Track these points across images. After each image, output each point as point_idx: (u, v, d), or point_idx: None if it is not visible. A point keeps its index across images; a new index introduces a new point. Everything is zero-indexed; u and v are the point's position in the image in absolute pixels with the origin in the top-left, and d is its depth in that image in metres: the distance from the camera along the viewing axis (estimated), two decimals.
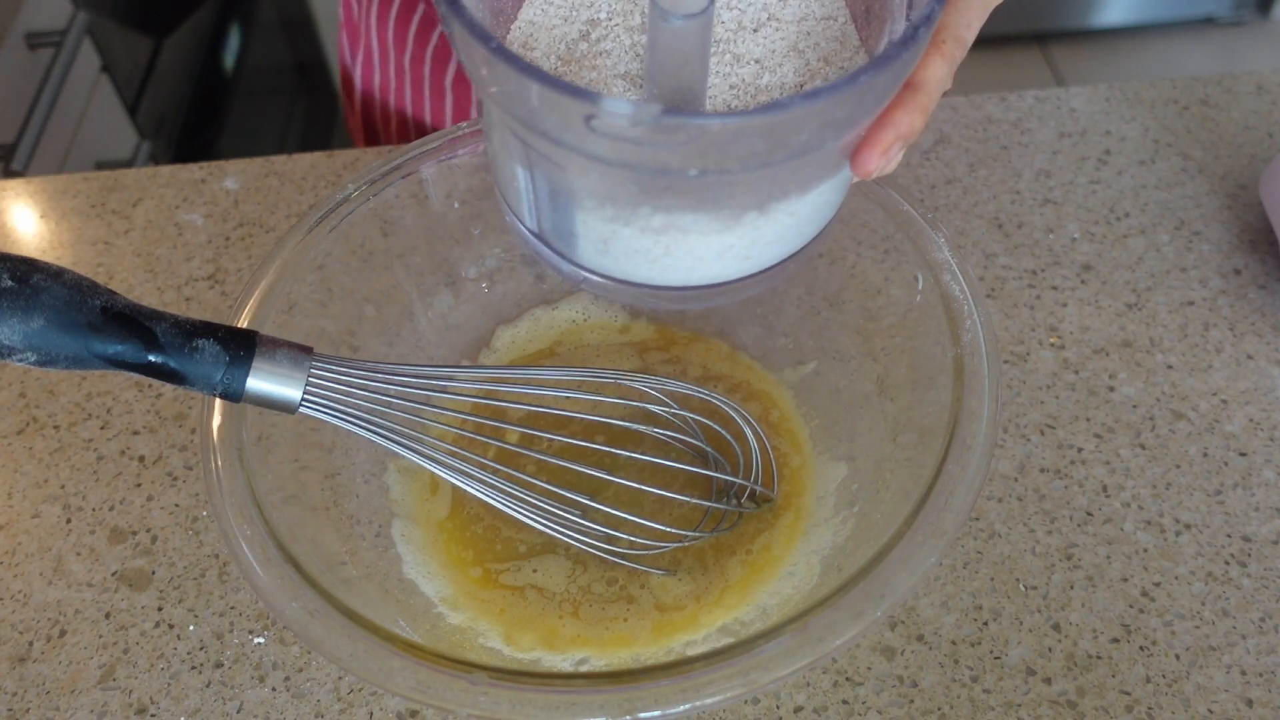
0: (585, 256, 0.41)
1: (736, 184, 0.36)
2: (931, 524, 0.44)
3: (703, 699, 0.41)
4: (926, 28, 0.34)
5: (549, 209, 0.40)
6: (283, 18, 1.93)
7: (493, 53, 0.33)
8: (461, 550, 0.54)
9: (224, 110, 1.73)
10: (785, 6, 0.41)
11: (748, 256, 0.40)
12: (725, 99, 0.40)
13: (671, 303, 0.44)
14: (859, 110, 0.35)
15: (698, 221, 0.38)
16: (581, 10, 0.42)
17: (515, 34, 0.42)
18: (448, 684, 0.41)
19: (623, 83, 0.40)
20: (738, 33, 0.41)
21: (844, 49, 0.41)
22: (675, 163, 0.34)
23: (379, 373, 0.47)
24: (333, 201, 0.54)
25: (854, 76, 0.33)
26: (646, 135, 0.33)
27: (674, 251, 0.39)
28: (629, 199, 0.37)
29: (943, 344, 0.49)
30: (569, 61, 0.40)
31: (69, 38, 1.32)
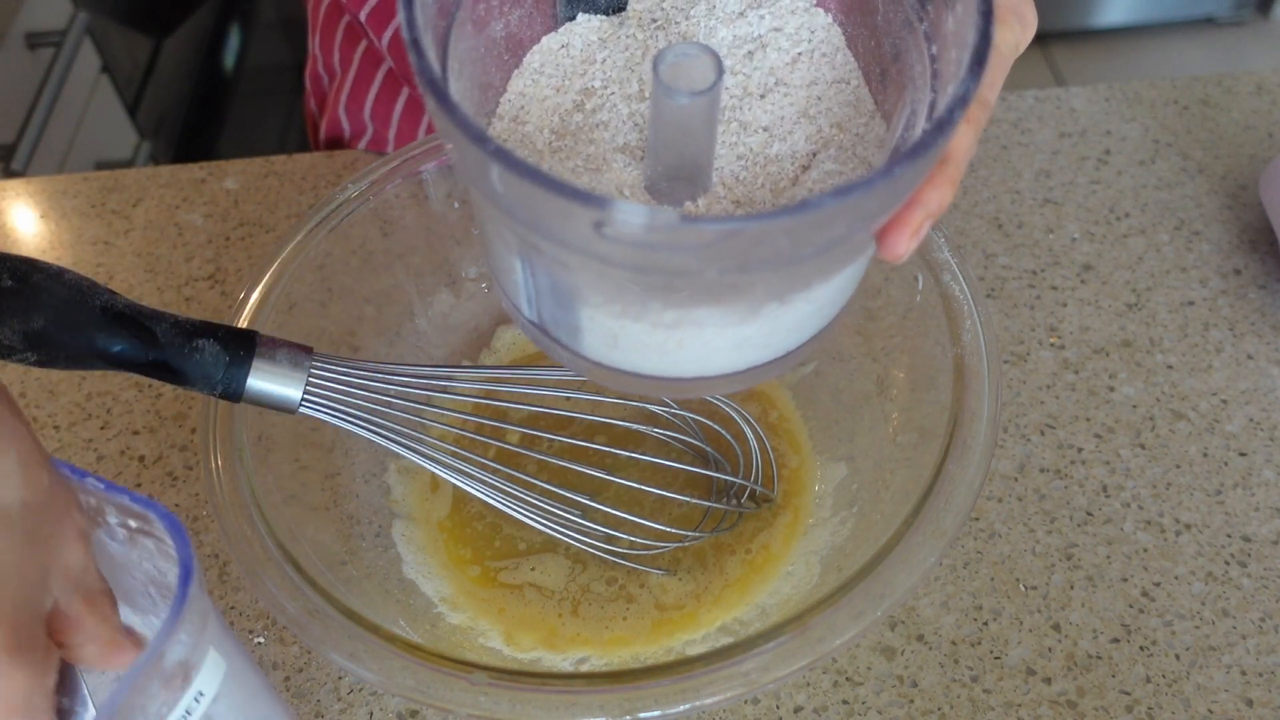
0: (591, 350, 0.38)
1: (755, 279, 0.34)
2: (931, 524, 0.44)
3: (703, 699, 0.41)
4: (962, 110, 0.31)
5: (550, 302, 0.37)
6: (282, 18, 1.93)
7: (491, 155, 0.30)
8: (461, 549, 0.54)
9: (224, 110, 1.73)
10: (794, 71, 0.39)
11: (766, 345, 0.38)
12: (733, 169, 0.37)
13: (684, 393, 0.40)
14: (892, 201, 0.33)
15: (713, 315, 0.35)
16: (574, 79, 0.39)
17: (505, 107, 0.39)
18: (448, 684, 0.41)
19: (622, 156, 0.37)
20: (744, 99, 0.38)
21: (858, 114, 0.38)
22: (693, 266, 0.31)
23: (379, 373, 0.47)
24: (333, 201, 0.54)
25: (888, 170, 0.30)
26: (662, 240, 0.30)
27: (687, 345, 0.36)
28: (639, 297, 0.35)
29: (943, 344, 0.49)
30: (563, 135, 0.38)
31: (69, 38, 1.32)
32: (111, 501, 0.34)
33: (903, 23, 0.37)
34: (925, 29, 0.36)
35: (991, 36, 0.32)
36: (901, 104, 0.37)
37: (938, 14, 0.36)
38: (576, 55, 0.40)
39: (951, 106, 0.31)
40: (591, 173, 0.37)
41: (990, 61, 0.36)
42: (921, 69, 0.36)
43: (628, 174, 0.37)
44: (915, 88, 0.36)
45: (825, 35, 0.40)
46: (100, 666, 0.33)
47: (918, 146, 0.31)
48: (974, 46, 0.32)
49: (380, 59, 0.75)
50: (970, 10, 0.33)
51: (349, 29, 0.77)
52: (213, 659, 0.34)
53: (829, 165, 0.37)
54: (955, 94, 0.32)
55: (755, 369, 0.39)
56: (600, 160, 0.37)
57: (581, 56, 0.40)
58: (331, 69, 0.80)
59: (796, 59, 0.39)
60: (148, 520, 0.33)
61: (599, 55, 0.40)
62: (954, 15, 0.34)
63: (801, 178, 0.37)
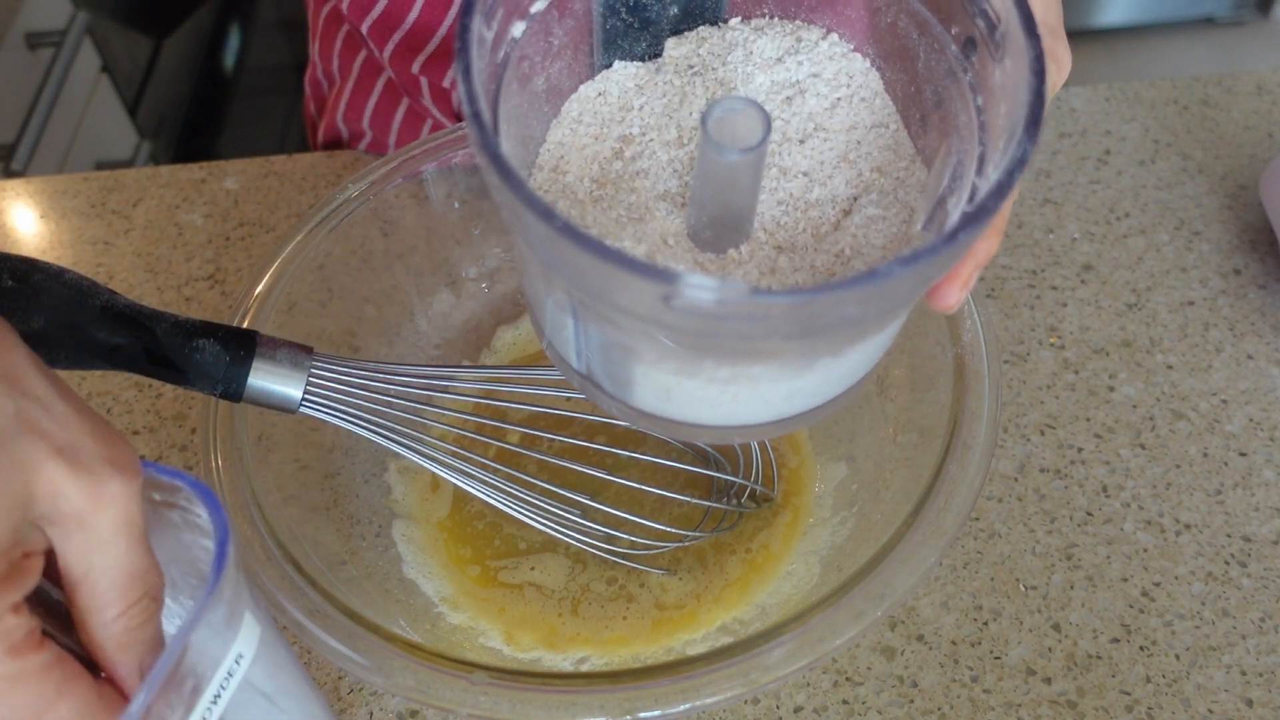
0: (644, 403, 0.38)
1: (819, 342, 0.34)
2: (931, 524, 0.44)
3: (703, 699, 0.41)
4: (1020, 170, 0.31)
5: (601, 358, 0.37)
6: (282, 18, 1.93)
7: (559, 232, 0.30)
8: (461, 548, 0.54)
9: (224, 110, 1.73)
10: (833, 116, 0.39)
11: (815, 394, 0.38)
12: (774, 215, 0.37)
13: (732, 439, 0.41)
14: (953, 262, 0.33)
15: (768, 371, 0.35)
16: (613, 127, 0.39)
17: (545, 156, 0.39)
18: (448, 684, 0.41)
19: (664, 204, 0.37)
20: (783, 144, 0.38)
21: (898, 158, 0.38)
22: (758, 334, 0.32)
23: (379, 373, 0.47)
24: (333, 202, 0.54)
25: (952, 236, 0.30)
26: (730, 312, 0.30)
27: (741, 398, 0.36)
28: (695, 355, 0.35)
29: (943, 344, 0.49)
30: (604, 184, 0.38)
31: (69, 38, 1.32)
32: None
33: (945, 72, 0.37)
34: (970, 80, 0.36)
35: (1045, 95, 0.32)
36: (945, 151, 0.37)
37: (983, 66, 0.35)
38: (614, 103, 0.40)
39: (1011, 169, 0.31)
40: (635, 222, 0.37)
41: None
42: (967, 119, 0.36)
43: (670, 222, 0.37)
44: (961, 137, 0.36)
45: (864, 80, 0.39)
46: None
47: (980, 211, 0.31)
48: (1029, 106, 0.32)
49: (380, 68, 0.75)
50: (1021, 68, 0.33)
51: (349, 37, 0.76)
52: (248, 622, 0.34)
53: (871, 210, 0.37)
54: (1014, 156, 0.32)
55: (803, 414, 0.39)
56: (643, 209, 0.37)
57: (619, 104, 0.40)
58: (331, 75, 0.80)
59: (835, 104, 0.39)
60: (175, 491, 0.33)
61: (636, 102, 0.40)
62: (1001, 69, 0.34)
63: (843, 222, 0.37)
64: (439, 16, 0.69)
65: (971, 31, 0.36)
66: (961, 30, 0.36)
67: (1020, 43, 0.33)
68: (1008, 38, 0.34)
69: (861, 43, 0.40)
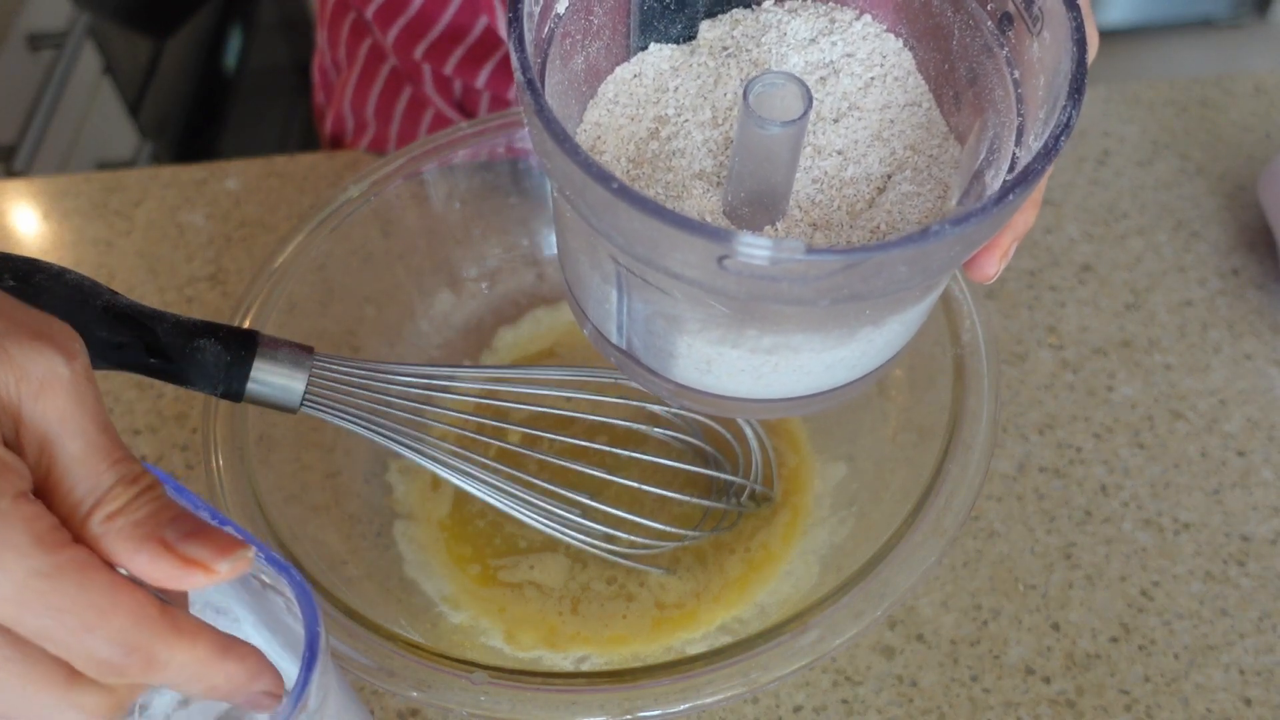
0: (684, 375, 0.39)
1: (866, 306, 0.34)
2: (931, 524, 0.44)
3: (703, 698, 0.41)
4: (1066, 135, 0.32)
5: (644, 330, 0.38)
6: (283, 18, 1.93)
7: (616, 194, 0.30)
8: (461, 547, 0.54)
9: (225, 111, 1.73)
10: (866, 95, 0.39)
11: (855, 366, 0.38)
12: (809, 193, 0.38)
13: (770, 414, 0.41)
14: (999, 226, 0.34)
15: (810, 340, 0.36)
16: (648, 108, 0.40)
17: (582, 137, 0.39)
18: (448, 683, 0.41)
19: (700, 182, 0.38)
20: (818, 124, 0.39)
21: (931, 136, 0.39)
22: (808, 296, 0.32)
23: (380, 373, 0.47)
24: (334, 202, 0.54)
25: (1002, 195, 0.31)
26: (784, 272, 0.30)
27: (782, 369, 0.37)
28: (740, 323, 0.35)
29: (942, 344, 0.49)
30: (640, 163, 0.38)
31: (70, 39, 1.32)
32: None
33: (981, 48, 0.38)
34: (1006, 54, 0.37)
35: (1086, 63, 0.33)
36: (981, 127, 0.38)
37: (1019, 40, 0.36)
38: (650, 84, 0.40)
39: (1057, 133, 0.32)
40: (673, 200, 0.38)
41: None
42: (1004, 93, 0.37)
43: (708, 200, 0.37)
44: (997, 111, 0.37)
45: (897, 60, 0.40)
46: None
47: (1026, 173, 0.31)
48: (1071, 74, 0.33)
49: (385, 56, 0.76)
50: (1062, 38, 0.34)
51: (355, 25, 0.77)
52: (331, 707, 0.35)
53: (906, 187, 0.37)
54: (1060, 120, 0.32)
55: (841, 389, 0.39)
56: (680, 187, 0.38)
57: (654, 85, 0.40)
58: (338, 62, 0.80)
59: (869, 83, 0.39)
60: (280, 582, 0.34)
61: (671, 84, 0.40)
62: (1040, 42, 0.35)
63: (878, 199, 0.38)
64: (442, 3, 0.70)
65: (1007, 7, 0.36)
66: (997, 6, 0.37)
67: (1061, 14, 0.34)
68: (1046, 11, 0.35)
69: (895, 23, 0.40)
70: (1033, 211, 0.37)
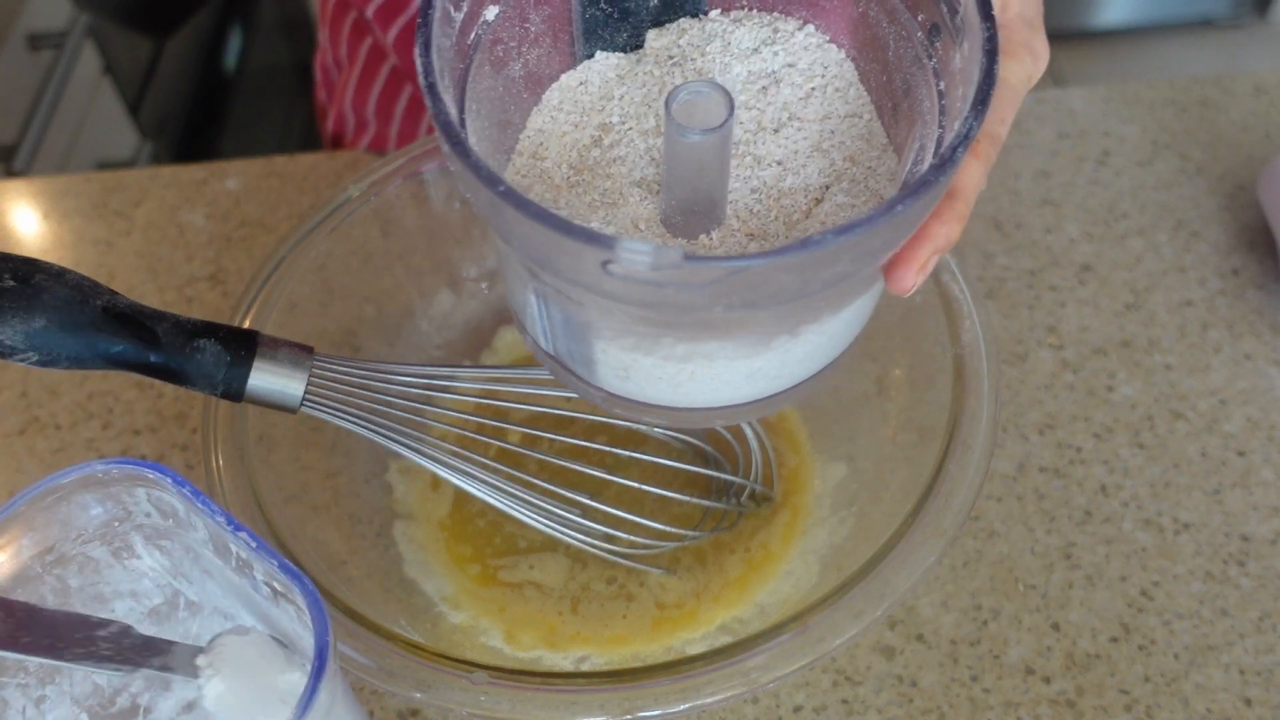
0: (605, 381, 0.39)
1: (765, 314, 0.34)
2: (931, 523, 0.44)
3: (703, 698, 0.41)
4: (964, 147, 0.32)
5: (564, 336, 0.38)
6: (283, 18, 1.93)
7: (500, 196, 0.31)
8: (461, 547, 0.54)
9: (225, 111, 1.74)
10: (807, 105, 0.39)
11: (778, 376, 0.38)
12: (747, 203, 0.38)
13: (696, 423, 0.41)
14: (895, 236, 0.33)
15: (724, 349, 0.36)
16: (593, 115, 0.40)
17: (525, 143, 0.40)
18: (449, 683, 0.41)
19: (639, 190, 0.38)
20: (758, 134, 0.39)
21: (870, 147, 0.39)
22: (700, 302, 0.32)
23: (380, 372, 0.47)
24: (334, 202, 0.54)
25: (890, 206, 0.31)
26: (668, 278, 0.30)
27: (699, 377, 0.37)
28: (650, 331, 0.35)
29: (942, 344, 0.49)
30: (581, 170, 0.39)
31: (70, 39, 1.32)
32: (260, 562, 0.34)
33: (913, 59, 0.38)
34: (934, 65, 0.37)
35: (995, 74, 0.33)
36: (911, 138, 0.38)
37: (945, 51, 0.36)
38: (595, 92, 0.40)
39: (955, 144, 0.32)
40: (608, 206, 0.38)
41: (1000, 96, 0.36)
42: (930, 104, 0.36)
43: (644, 208, 0.37)
44: (924, 123, 0.37)
45: (838, 70, 0.40)
46: None
47: (920, 184, 0.31)
48: (978, 84, 0.33)
49: (385, 55, 0.76)
50: (976, 48, 0.33)
51: (355, 25, 0.77)
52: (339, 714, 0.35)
53: (841, 198, 0.37)
54: (959, 131, 0.32)
55: (767, 399, 0.39)
56: (617, 194, 0.38)
57: (600, 93, 0.40)
58: (340, 61, 0.80)
59: (810, 94, 0.39)
60: (291, 590, 0.34)
61: (617, 92, 0.40)
62: (961, 53, 0.35)
63: (814, 210, 0.37)
64: None
65: (936, 18, 0.36)
66: (927, 17, 0.37)
67: (976, 25, 0.34)
68: (966, 22, 0.34)
69: (837, 33, 0.40)
70: (955, 225, 0.35)
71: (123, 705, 0.39)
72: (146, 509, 0.37)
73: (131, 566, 0.39)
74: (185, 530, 0.37)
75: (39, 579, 0.37)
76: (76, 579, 0.38)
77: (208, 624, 0.40)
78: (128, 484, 0.36)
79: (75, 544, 0.37)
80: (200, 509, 0.35)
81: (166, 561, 0.39)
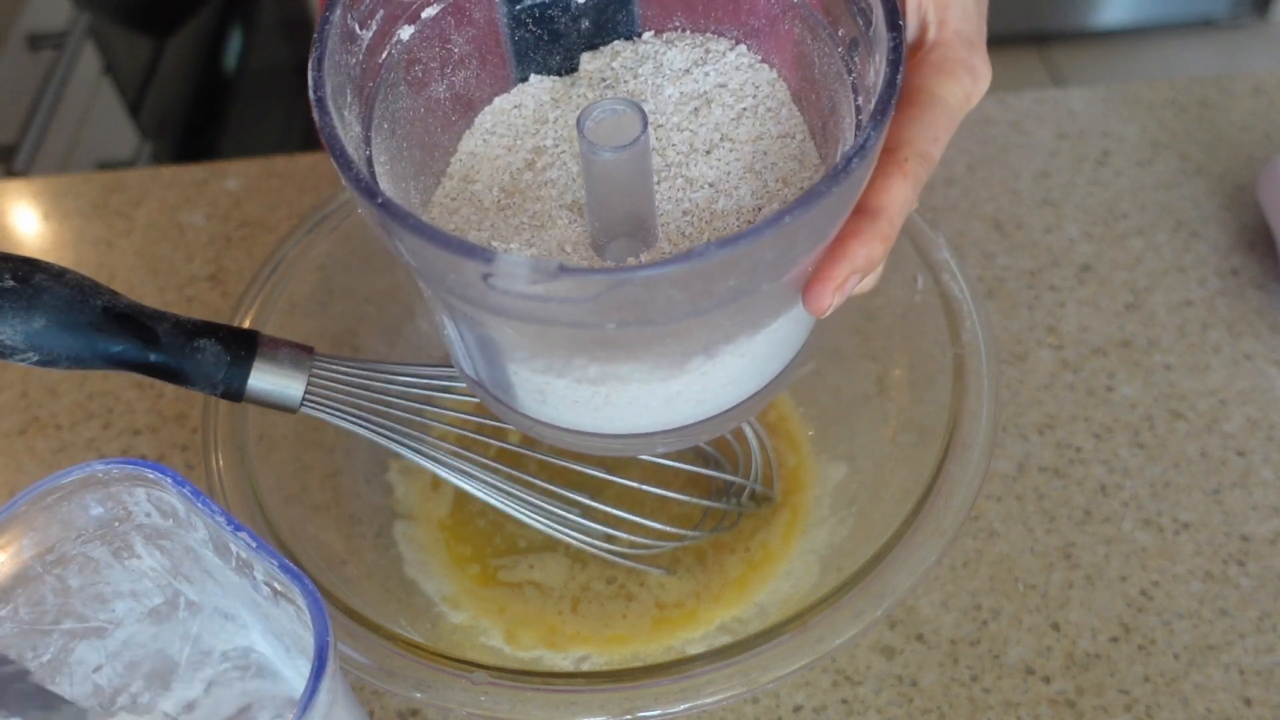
0: (524, 406, 0.38)
1: (668, 333, 0.33)
2: (931, 523, 0.44)
3: (703, 698, 0.41)
4: (860, 158, 0.31)
5: (481, 359, 0.38)
6: (283, 18, 1.93)
7: (379, 208, 0.30)
8: (461, 547, 0.54)
9: (225, 111, 1.73)
10: (739, 126, 0.38)
11: (700, 401, 0.37)
12: (679, 225, 0.37)
13: (621, 451, 0.40)
14: (792, 251, 0.32)
15: (637, 371, 0.35)
16: (526, 138, 0.39)
17: (456, 166, 0.39)
18: (449, 683, 0.41)
19: (568, 213, 0.37)
20: (690, 155, 0.38)
21: (803, 168, 0.38)
22: (589, 318, 0.31)
23: (380, 373, 0.47)
24: (334, 202, 0.54)
25: (777, 218, 0.29)
26: (550, 292, 0.30)
27: (615, 401, 0.36)
28: (558, 352, 0.34)
29: (942, 344, 0.49)
30: (512, 193, 0.38)
31: (71, 39, 1.32)
32: (260, 562, 0.34)
33: (835, 75, 0.37)
34: (853, 80, 0.36)
35: (898, 84, 0.32)
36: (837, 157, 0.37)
37: (862, 66, 0.35)
38: (529, 115, 0.40)
39: (850, 155, 0.31)
40: (535, 229, 0.37)
41: (933, 114, 0.35)
42: (850, 121, 0.36)
43: (571, 230, 0.37)
44: (845, 140, 0.36)
45: (770, 90, 0.39)
46: None
47: (810, 195, 0.30)
48: (879, 94, 0.32)
49: None
50: (881, 59, 0.33)
51: None
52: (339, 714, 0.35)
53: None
54: (856, 142, 0.31)
55: (692, 426, 0.38)
56: (546, 217, 0.37)
57: (534, 116, 0.40)
58: None
59: (741, 114, 0.39)
60: (291, 590, 0.34)
61: (551, 115, 0.40)
62: (874, 66, 0.34)
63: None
64: None
65: (854, 32, 0.36)
66: (846, 32, 0.36)
67: (884, 34, 0.33)
68: (878, 33, 0.34)
69: (769, 53, 0.40)
70: (879, 244, 0.34)
71: (122, 705, 0.39)
72: (147, 509, 0.37)
73: (132, 566, 0.39)
74: (185, 530, 0.37)
75: (39, 579, 0.37)
76: (77, 579, 0.38)
77: (208, 624, 0.41)
78: (128, 484, 0.36)
79: (75, 544, 0.37)
80: (200, 509, 0.35)
81: (167, 561, 0.39)
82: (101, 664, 0.39)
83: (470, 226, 0.37)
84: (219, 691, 0.41)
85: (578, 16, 0.40)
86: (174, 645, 0.40)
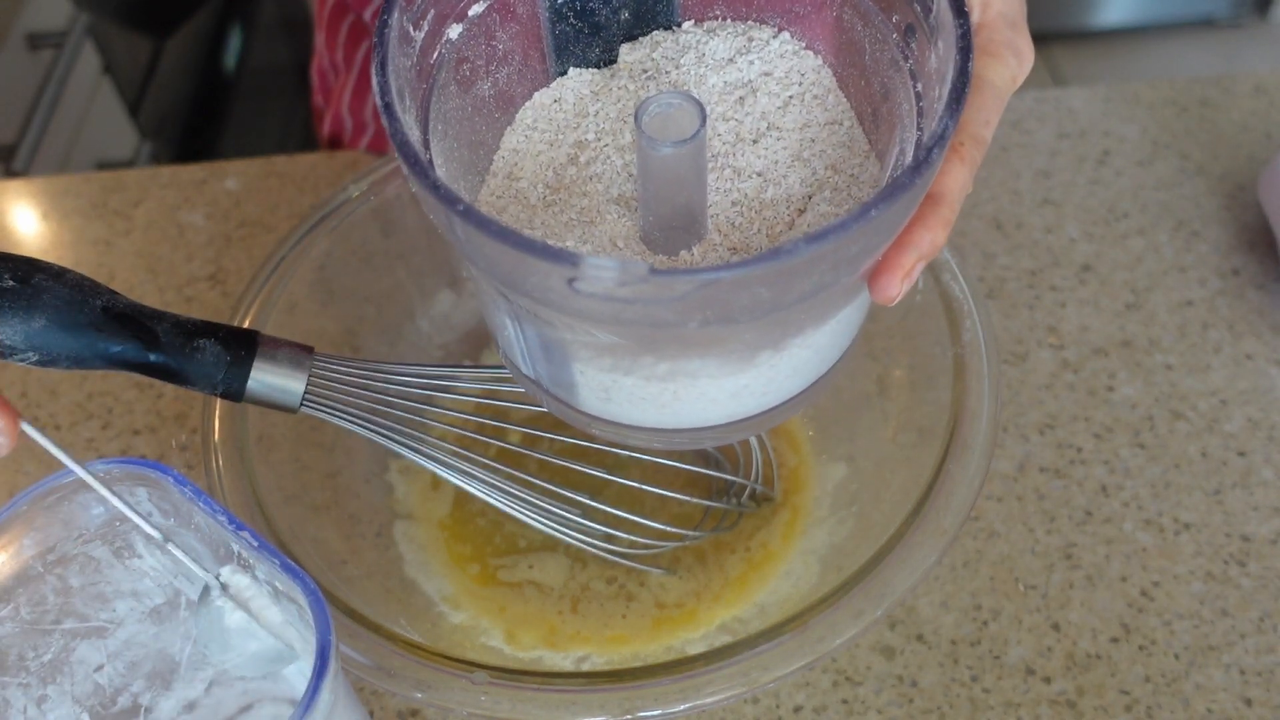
0: (587, 404, 0.38)
1: (744, 328, 0.33)
2: (931, 523, 0.44)
3: (703, 698, 0.41)
4: (940, 148, 0.31)
5: (543, 359, 0.37)
6: (283, 18, 1.93)
7: (460, 216, 0.30)
8: (461, 547, 0.54)
9: (225, 110, 1.73)
10: (785, 114, 0.38)
11: (765, 393, 0.37)
12: (728, 216, 0.37)
13: (687, 444, 0.40)
14: (873, 243, 0.32)
15: (706, 366, 0.35)
16: (568, 133, 0.39)
17: (499, 164, 0.39)
18: (449, 683, 0.41)
19: (616, 207, 0.37)
20: (736, 145, 0.38)
21: (852, 154, 0.38)
22: (672, 318, 0.31)
23: (380, 372, 0.47)
24: (334, 202, 0.54)
25: (864, 211, 0.29)
26: (637, 294, 0.29)
27: (683, 396, 0.36)
28: (628, 350, 0.34)
29: (943, 344, 0.49)
30: (558, 189, 0.38)
31: (70, 38, 1.32)
32: (262, 562, 0.34)
33: (889, 62, 0.37)
34: (910, 67, 0.36)
35: (970, 72, 0.32)
36: (892, 143, 0.37)
37: (921, 52, 0.35)
38: (569, 109, 0.40)
39: (930, 144, 0.31)
40: (585, 225, 0.37)
41: (982, 96, 0.35)
42: (909, 107, 0.36)
43: (622, 225, 0.37)
44: (904, 126, 0.36)
45: (816, 77, 0.39)
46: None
47: (895, 187, 0.30)
48: (952, 82, 0.32)
49: None
50: (950, 46, 0.33)
51: (353, 28, 0.77)
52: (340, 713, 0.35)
53: (824, 207, 0.37)
54: (935, 131, 0.31)
55: (757, 417, 0.38)
56: (594, 212, 0.37)
57: (574, 110, 0.40)
58: (336, 65, 0.80)
59: (788, 102, 0.39)
60: (293, 589, 0.34)
61: (591, 108, 0.40)
62: (936, 53, 0.34)
63: (798, 221, 0.37)
64: None
65: (910, 18, 0.36)
66: (901, 18, 0.36)
67: (949, 22, 0.33)
68: (940, 20, 0.34)
69: (813, 40, 0.40)
70: (941, 230, 0.34)
71: (123, 705, 0.39)
72: (147, 509, 0.37)
73: (133, 566, 0.39)
74: (186, 530, 0.37)
75: (40, 578, 0.37)
76: (78, 578, 0.38)
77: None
78: (129, 484, 0.36)
79: (76, 543, 0.37)
80: (201, 509, 0.35)
81: (167, 561, 0.39)
82: (103, 663, 0.39)
83: (521, 225, 0.37)
84: (220, 691, 0.40)
85: (618, 8, 0.40)
86: (175, 645, 0.40)
